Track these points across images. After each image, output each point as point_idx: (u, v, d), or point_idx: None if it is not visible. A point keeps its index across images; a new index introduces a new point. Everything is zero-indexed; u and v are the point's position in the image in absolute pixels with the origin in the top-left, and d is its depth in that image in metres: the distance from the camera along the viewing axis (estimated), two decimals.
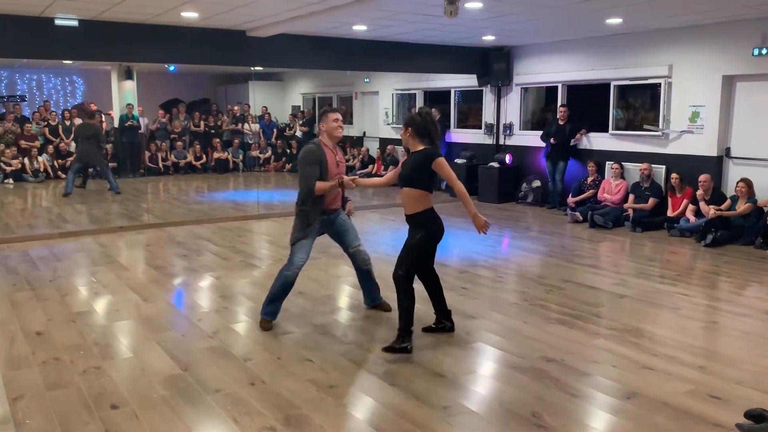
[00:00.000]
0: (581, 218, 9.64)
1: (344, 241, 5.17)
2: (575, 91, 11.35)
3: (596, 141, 10.84)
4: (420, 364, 4.26)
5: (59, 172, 14.93)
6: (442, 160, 4.49)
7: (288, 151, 17.08)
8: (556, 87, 11.45)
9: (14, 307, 5.53)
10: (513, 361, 4.36)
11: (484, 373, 4.22)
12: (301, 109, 18.13)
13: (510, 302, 5.75)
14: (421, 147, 4.55)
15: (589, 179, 10.29)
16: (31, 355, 4.43)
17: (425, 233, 4.56)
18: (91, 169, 13.75)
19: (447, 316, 4.86)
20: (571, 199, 10.24)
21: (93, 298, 5.89)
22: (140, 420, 3.51)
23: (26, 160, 14.64)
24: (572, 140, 10.82)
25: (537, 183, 11.55)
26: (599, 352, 4.51)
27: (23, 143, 14.81)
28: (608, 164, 10.27)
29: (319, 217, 4.87)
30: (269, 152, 17.24)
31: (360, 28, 9.70)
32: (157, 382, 4.00)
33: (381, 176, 13.89)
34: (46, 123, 15.56)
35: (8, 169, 14.33)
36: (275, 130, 17.72)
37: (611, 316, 5.36)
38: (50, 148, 15.14)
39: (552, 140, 10.86)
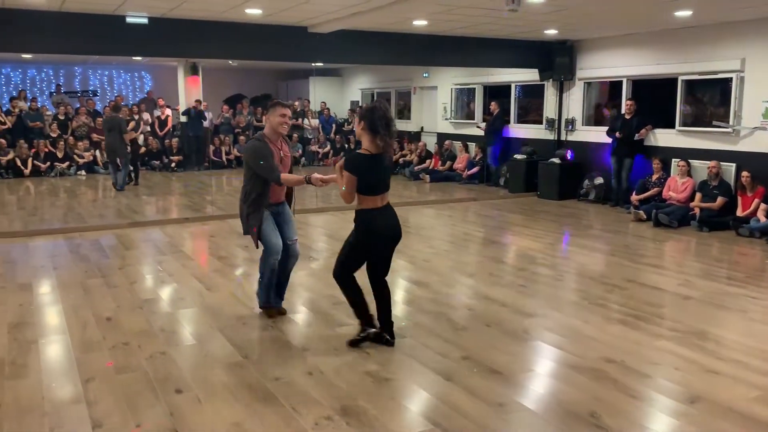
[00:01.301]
0: (645, 217, 9.37)
1: (283, 231, 5.00)
2: (640, 86, 11.03)
3: (662, 137, 10.50)
4: (476, 361, 4.25)
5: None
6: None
7: (346, 146, 17.23)
8: (621, 82, 11.16)
9: (86, 293, 5.80)
10: (571, 360, 4.29)
11: (541, 371, 4.17)
12: (360, 104, 18.25)
13: (569, 301, 5.66)
14: (371, 144, 4.22)
15: (654, 177, 9.99)
16: (101, 340, 4.64)
17: (357, 233, 4.40)
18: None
19: (389, 328, 4.51)
20: (634, 197, 9.97)
21: (159, 286, 6.11)
22: (203, 404, 3.63)
23: (98, 153, 15.28)
24: (636, 135, 10.52)
25: (599, 180, 11.29)
26: (661, 354, 4.39)
27: (95, 136, 15.46)
28: (674, 161, 9.95)
29: (268, 207, 4.86)
30: (328, 147, 17.43)
31: (420, 23, 9.69)
32: (219, 368, 4.13)
33: (439, 171, 13.94)
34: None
35: (81, 161, 15.01)
36: (334, 125, 17.91)
37: (675, 317, 5.21)
38: None
39: (617, 134, 10.59)
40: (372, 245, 4.40)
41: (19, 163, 14.26)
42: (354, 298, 4.45)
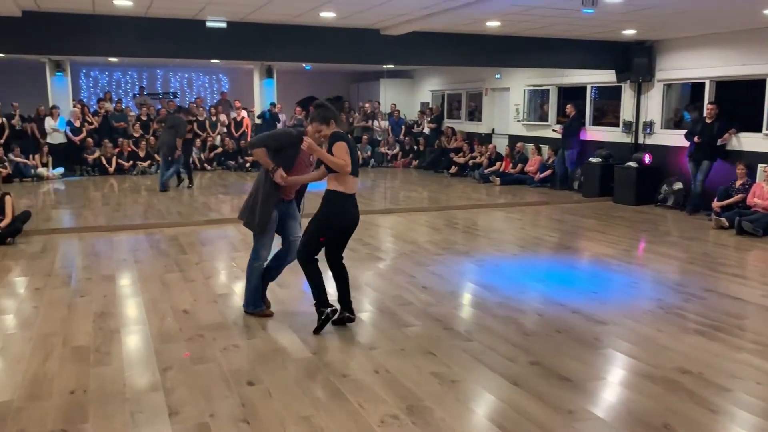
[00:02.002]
0: (727, 224, 8.96)
1: (288, 226, 5.05)
2: (724, 87, 10.56)
3: (747, 142, 10.02)
4: (545, 367, 4.18)
5: (205, 165, 16.08)
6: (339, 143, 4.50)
7: (416, 147, 17.26)
8: (703, 83, 10.72)
9: (165, 286, 6.05)
10: (645, 369, 4.16)
11: (612, 379, 4.06)
12: (430, 105, 18.24)
13: (644, 309, 5.48)
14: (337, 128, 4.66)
15: (738, 182, 9.53)
16: (178, 331, 4.83)
17: (322, 212, 4.61)
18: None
19: (348, 307, 4.85)
20: (716, 203, 9.53)
21: (233, 281, 6.31)
22: (273, 398, 3.73)
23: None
24: (719, 140, 10.08)
25: (679, 185, 10.87)
26: (742, 368, 4.19)
27: (154, 125, 16.05)
28: (760, 167, 9.47)
29: (278, 204, 4.90)
30: (397, 149, 17.51)
31: (493, 24, 9.61)
32: (289, 363, 4.23)
33: (510, 174, 13.77)
34: (195, 118, 16.78)
35: None
36: (403, 127, 17.97)
37: (757, 329, 4.97)
38: (198, 142, 16.30)
39: (696, 138, 10.18)
40: (339, 228, 4.67)
41: (104, 161, 15.01)
42: (318, 278, 4.71)
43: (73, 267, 6.91)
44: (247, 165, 15.98)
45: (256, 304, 5.17)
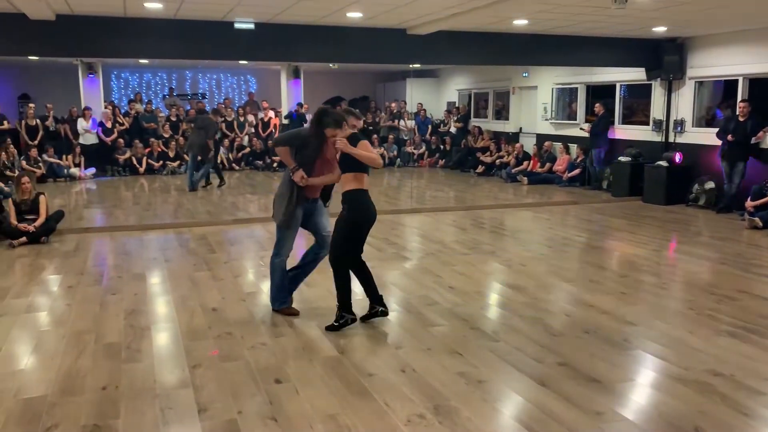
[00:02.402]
0: (761, 224, 8.77)
1: (318, 222, 5.12)
2: (757, 85, 10.33)
3: None
4: (573, 368, 4.14)
5: (233, 165, 16.24)
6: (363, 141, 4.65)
7: (442, 147, 17.22)
8: (736, 81, 10.51)
9: (194, 284, 6.13)
10: (675, 372, 4.10)
11: (642, 381, 4.01)
12: (456, 105, 18.18)
13: (674, 310, 5.40)
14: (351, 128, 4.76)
15: None
16: (207, 329, 4.89)
17: (350, 213, 4.71)
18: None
19: (379, 300, 4.91)
20: (749, 203, 9.34)
21: (261, 280, 6.37)
22: (300, 396, 3.76)
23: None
24: (753, 138, 9.87)
25: (710, 184, 10.67)
26: None
27: (183, 125, 16.24)
28: None
29: (302, 202, 4.94)
30: (423, 148, 17.49)
31: (520, 22, 9.54)
32: (316, 361, 4.26)
33: (537, 173, 13.66)
34: (223, 119, 16.97)
35: None
36: (430, 126, 17.94)
37: None
38: (226, 142, 16.49)
39: (730, 137, 9.98)
40: (365, 225, 4.79)
41: (134, 161, 15.26)
42: (347, 283, 4.79)
43: (104, 265, 7.04)
44: (275, 165, 16.09)
45: (282, 300, 5.22)
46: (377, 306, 4.94)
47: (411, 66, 16.11)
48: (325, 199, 5.29)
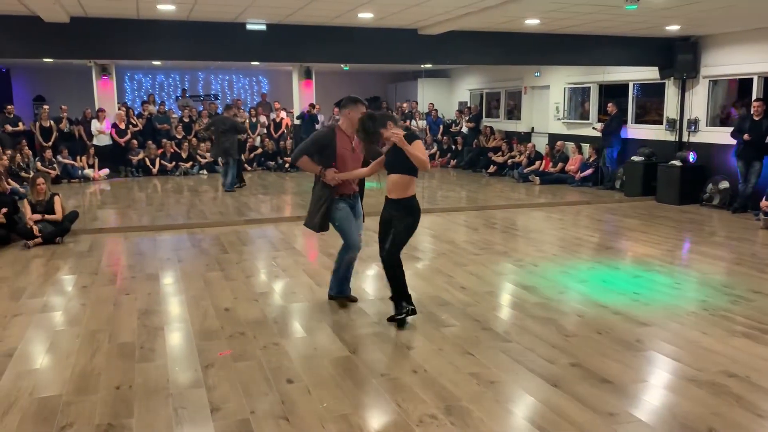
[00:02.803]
0: None
1: (354, 222, 5.30)
2: None
3: None
4: (585, 369, 4.13)
5: (246, 165, 16.29)
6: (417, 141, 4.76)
7: (454, 147, 17.19)
8: (751, 79, 10.41)
9: (206, 285, 6.16)
10: (689, 373, 4.07)
11: (655, 382, 3.99)
12: (468, 104, 18.14)
13: (688, 311, 5.36)
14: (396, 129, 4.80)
15: None
16: (220, 329, 4.92)
17: (412, 217, 4.95)
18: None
19: (408, 299, 4.94)
20: (765, 203, 9.26)
21: (273, 280, 6.39)
22: (312, 396, 3.77)
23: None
24: None
25: (725, 184, 10.58)
26: None
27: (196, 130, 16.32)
28: None
29: (333, 199, 5.06)
30: (435, 148, 17.46)
31: (532, 22, 9.51)
32: (328, 361, 4.27)
33: (550, 173, 13.61)
34: (235, 114, 16.99)
35: (203, 161, 15.93)
36: (441, 126, 17.92)
37: None
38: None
39: (745, 136, 9.90)
40: (415, 227, 4.96)
41: (148, 162, 15.36)
42: (403, 276, 4.90)
43: (118, 265, 7.09)
44: (287, 166, 16.15)
45: (341, 289, 5.44)
46: (410, 306, 4.98)
47: (422, 66, 16.11)
48: (360, 196, 5.49)
